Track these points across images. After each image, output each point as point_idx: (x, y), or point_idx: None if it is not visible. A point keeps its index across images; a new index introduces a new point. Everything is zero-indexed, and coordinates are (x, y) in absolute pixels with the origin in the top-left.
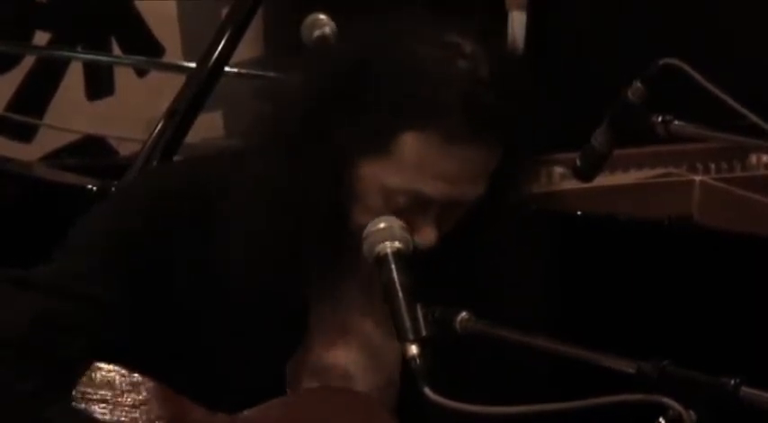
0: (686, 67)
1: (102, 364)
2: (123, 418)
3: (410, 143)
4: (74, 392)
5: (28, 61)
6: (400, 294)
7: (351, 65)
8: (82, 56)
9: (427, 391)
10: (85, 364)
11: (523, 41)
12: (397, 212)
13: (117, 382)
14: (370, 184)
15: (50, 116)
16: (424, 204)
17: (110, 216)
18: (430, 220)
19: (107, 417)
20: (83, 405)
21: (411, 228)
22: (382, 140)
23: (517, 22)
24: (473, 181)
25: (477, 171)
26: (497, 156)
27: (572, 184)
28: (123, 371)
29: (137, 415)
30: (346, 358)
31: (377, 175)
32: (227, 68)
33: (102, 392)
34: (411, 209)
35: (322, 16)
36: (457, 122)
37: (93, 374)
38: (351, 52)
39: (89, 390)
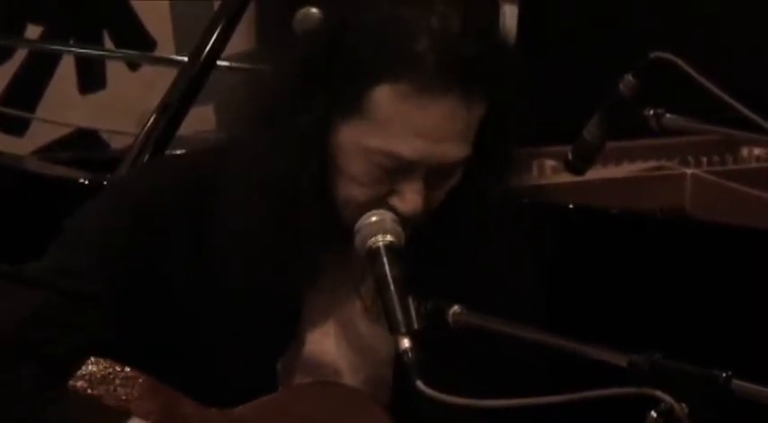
0: (677, 60)
1: (95, 359)
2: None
3: (383, 97)
4: (69, 386)
5: (20, 55)
6: (392, 288)
7: (325, 33)
8: (74, 49)
9: (419, 384)
10: (80, 357)
11: (515, 35)
12: (381, 179)
13: (110, 376)
14: (350, 149)
15: (42, 110)
16: (407, 167)
17: (105, 213)
18: (415, 186)
19: None
20: (77, 399)
21: (396, 195)
22: (356, 98)
23: (509, 16)
24: (453, 140)
25: (456, 128)
26: (477, 114)
27: (564, 178)
28: (116, 365)
29: (129, 409)
30: (337, 354)
31: (355, 137)
32: (219, 62)
33: (96, 386)
34: (395, 173)
35: (314, 10)
36: (428, 72)
37: (86, 369)
38: (325, 22)
39: (83, 384)
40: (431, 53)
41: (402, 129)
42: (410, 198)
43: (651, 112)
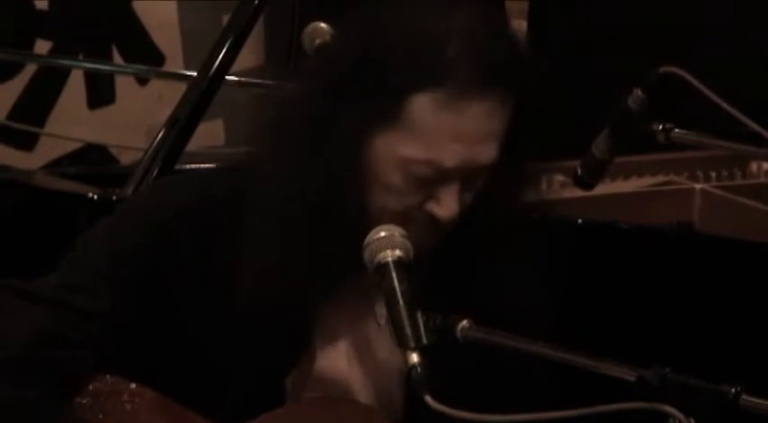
0: (686, 76)
1: (101, 375)
2: None
3: (420, 106)
4: (74, 403)
5: (29, 70)
6: (401, 302)
7: (352, 49)
8: (83, 64)
9: (428, 399)
10: (87, 376)
11: None
12: (418, 187)
13: (117, 391)
14: (386, 159)
15: (52, 125)
16: (443, 173)
17: (116, 230)
18: (451, 191)
19: None
20: (82, 415)
21: (433, 201)
22: (392, 109)
23: (517, 31)
24: (489, 141)
25: (489, 129)
26: (507, 113)
27: (573, 193)
28: (122, 381)
29: None
30: (348, 371)
31: (392, 147)
32: (228, 77)
33: (103, 402)
34: (430, 180)
35: (323, 25)
36: (463, 77)
37: (92, 385)
38: (349, 39)
39: (89, 400)
40: (463, 58)
41: (441, 136)
42: (447, 203)
43: (660, 126)
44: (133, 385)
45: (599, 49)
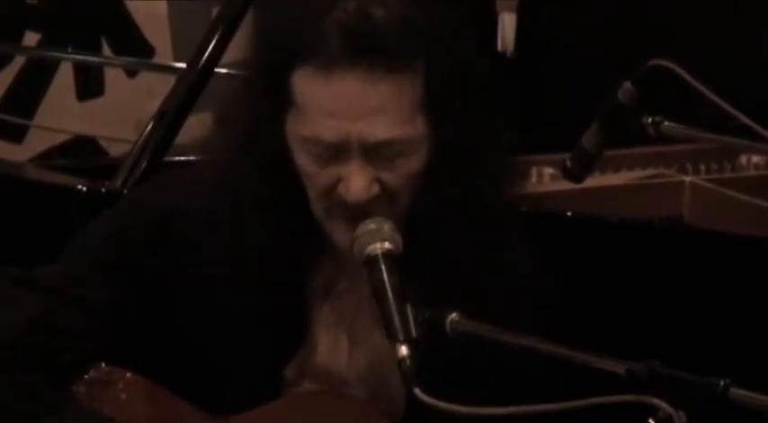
0: (676, 68)
1: (98, 363)
2: (118, 416)
3: (299, 82)
4: (70, 391)
5: (18, 62)
6: (390, 295)
7: (254, 37)
8: (72, 56)
9: (417, 391)
10: (83, 365)
11: (514, 43)
12: (323, 168)
13: (112, 380)
14: (291, 143)
15: (40, 117)
16: (338, 152)
17: (115, 223)
18: (353, 170)
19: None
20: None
21: (341, 184)
22: (285, 90)
23: (507, 24)
24: (376, 117)
25: (376, 105)
26: (407, 89)
27: (562, 186)
28: (117, 370)
29: (131, 414)
30: (347, 365)
31: (291, 129)
32: (217, 69)
33: (98, 391)
34: (330, 160)
35: None
36: (332, 50)
37: (89, 373)
38: (254, 28)
39: (84, 388)
40: (336, 30)
41: (316, 111)
42: (351, 184)
43: (650, 119)
44: (128, 374)
45: (590, 41)
